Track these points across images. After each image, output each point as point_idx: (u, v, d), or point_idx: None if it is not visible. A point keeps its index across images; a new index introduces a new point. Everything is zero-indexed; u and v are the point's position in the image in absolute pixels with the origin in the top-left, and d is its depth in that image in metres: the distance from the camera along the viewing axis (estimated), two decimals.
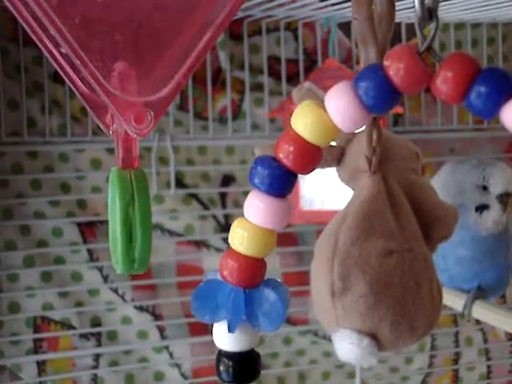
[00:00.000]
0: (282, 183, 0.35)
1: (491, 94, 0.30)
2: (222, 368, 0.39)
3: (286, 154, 0.35)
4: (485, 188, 0.76)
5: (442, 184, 0.79)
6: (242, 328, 0.38)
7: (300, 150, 0.35)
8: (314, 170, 0.36)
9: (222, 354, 0.39)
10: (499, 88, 0.30)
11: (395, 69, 0.32)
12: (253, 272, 0.37)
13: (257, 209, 0.36)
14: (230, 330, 0.37)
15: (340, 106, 0.33)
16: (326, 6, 0.84)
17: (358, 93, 0.33)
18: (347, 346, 0.42)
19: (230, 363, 0.38)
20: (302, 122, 0.34)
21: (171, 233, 0.95)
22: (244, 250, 0.36)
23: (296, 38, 0.97)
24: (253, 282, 0.37)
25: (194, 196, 0.96)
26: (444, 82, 0.31)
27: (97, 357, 0.93)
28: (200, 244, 0.96)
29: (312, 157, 0.35)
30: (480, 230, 0.76)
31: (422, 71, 0.32)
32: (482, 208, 0.76)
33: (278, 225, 0.36)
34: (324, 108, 0.34)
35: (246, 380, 0.39)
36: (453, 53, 0.31)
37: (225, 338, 0.38)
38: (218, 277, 0.38)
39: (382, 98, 0.32)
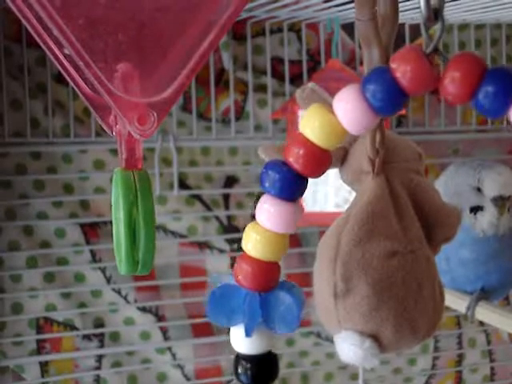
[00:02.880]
0: (292, 187, 0.36)
1: (499, 94, 0.30)
2: (240, 371, 0.39)
3: (295, 158, 0.35)
4: (479, 190, 0.76)
5: (443, 185, 0.79)
6: (259, 331, 0.38)
7: (309, 153, 0.35)
8: (324, 172, 0.36)
9: (239, 357, 0.39)
10: (507, 87, 0.30)
11: (402, 71, 0.32)
12: (267, 276, 0.37)
13: (268, 213, 0.36)
14: (247, 333, 0.38)
15: (348, 108, 0.33)
16: (330, 7, 0.84)
17: (365, 95, 0.33)
18: (349, 348, 0.42)
19: (248, 366, 0.39)
20: (311, 125, 0.34)
21: (174, 234, 0.95)
22: (257, 254, 0.37)
23: (299, 39, 0.97)
24: (268, 286, 0.38)
25: (197, 197, 0.96)
26: (451, 82, 0.31)
27: (100, 358, 0.93)
28: (203, 245, 0.96)
29: (321, 160, 0.35)
30: (476, 232, 0.76)
31: (429, 73, 0.32)
32: (476, 209, 0.76)
33: (289, 228, 0.36)
34: (332, 111, 0.34)
35: (265, 381, 0.39)
36: (459, 53, 0.31)
37: (242, 342, 0.38)
38: (232, 280, 0.38)
39: (389, 100, 0.32)
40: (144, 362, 0.95)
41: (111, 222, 0.42)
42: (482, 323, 1.04)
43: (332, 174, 0.48)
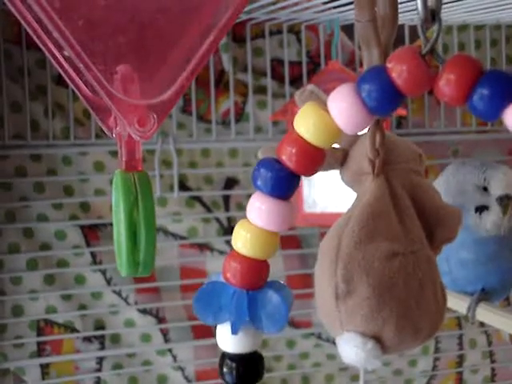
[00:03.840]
0: (284, 185, 0.35)
1: (494, 97, 0.30)
2: (225, 370, 0.39)
3: (288, 156, 0.35)
4: (485, 189, 0.76)
5: (444, 184, 0.79)
6: (245, 330, 0.38)
7: (302, 151, 0.35)
8: (316, 171, 0.36)
9: (225, 356, 0.39)
10: (502, 90, 0.30)
11: (398, 71, 0.32)
12: (256, 274, 0.37)
13: (259, 211, 0.36)
14: (233, 331, 0.37)
15: (343, 107, 0.33)
16: (329, 9, 0.83)
17: (360, 95, 0.33)
18: (351, 349, 0.42)
19: (234, 365, 0.38)
20: (305, 123, 0.34)
21: (174, 236, 0.95)
22: (247, 251, 0.36)
23: (299, 41, 0.97)
24: (256, 284, 0.37)
25: (198, 199, 0.96)
26: (447, 84, 0.31)
27: (100, 360, 0.93)
28: (203, 247, 0.96)
29: (314, 159, 0.35)
30: (480, 232, 0.76)
31: (424, 73, 0.31)
32: (481, 209, 0.76)
33: (280, 227, 0.36)
34: (327, 110, 0.34)
35: (250, 381, 0.39)
36: (455, 55, 0.31)
37: (228, 340, 0.38)
38: (221, 278, 0.38)
39: (384, 100, 0.32)
40: (144, 364, 0.95)
41: (111, 224, 0.42)
42: (482, 324, 1.04)
43: (333, 175, 0.48)
